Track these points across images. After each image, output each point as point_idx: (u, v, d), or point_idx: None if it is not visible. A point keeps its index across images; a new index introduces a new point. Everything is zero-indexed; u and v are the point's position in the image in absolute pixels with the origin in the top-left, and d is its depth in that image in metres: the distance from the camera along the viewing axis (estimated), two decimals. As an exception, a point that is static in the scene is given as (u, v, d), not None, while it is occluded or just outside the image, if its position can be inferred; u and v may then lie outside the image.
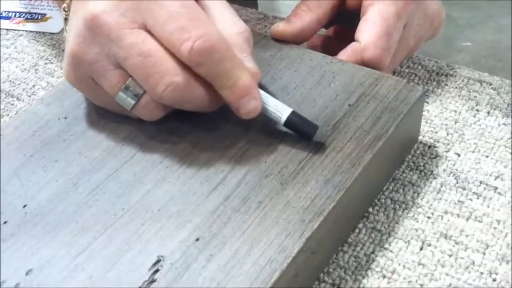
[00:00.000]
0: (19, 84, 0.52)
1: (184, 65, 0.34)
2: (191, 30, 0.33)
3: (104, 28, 0.34)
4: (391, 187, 0.40)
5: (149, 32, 0.35)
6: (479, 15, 1.92)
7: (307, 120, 0.37)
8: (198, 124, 0.38)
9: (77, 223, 0.33)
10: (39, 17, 0.60)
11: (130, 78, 0.35)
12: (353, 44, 0.42)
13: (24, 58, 0.55)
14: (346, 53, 0.42)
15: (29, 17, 0.61)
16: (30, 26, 0.59)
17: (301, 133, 0.37)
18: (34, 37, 0.58)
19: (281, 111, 0.36)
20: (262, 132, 0.38)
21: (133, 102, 0.36)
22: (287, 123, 0.36)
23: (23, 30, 0.59)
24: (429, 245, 0.37)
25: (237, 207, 0.33)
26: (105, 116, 0.39)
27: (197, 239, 0.32)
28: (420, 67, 0.50)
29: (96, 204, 0.34)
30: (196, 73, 0.34)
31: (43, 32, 0.58)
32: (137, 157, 0.37)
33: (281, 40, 0.44)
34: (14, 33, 0.59)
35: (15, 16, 0.61)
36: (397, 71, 0.49)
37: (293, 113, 0.36)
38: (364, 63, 0.42)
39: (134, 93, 0.36)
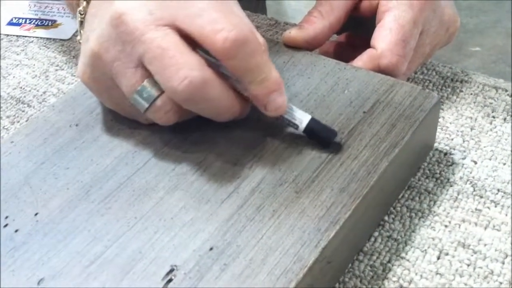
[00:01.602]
0: (30, 91, 0.51)
1: (204, 62, 0.34)
2: (224, 22, 0.33)
3: (130, 26, 0.34)
4: (407, 195, 0.39)
5: (176, 29, 0.34)
6: (487, 20, 1.92)
7: (325, 126, 0.36)
8: (211, 131, 0.38)
9: (89, 232, 0.33)
10: (50, 24, 0.60)
11: (147, 79, 0.35)
12: (369, 50, 0.42)
13: (34, 64, 0.55)
14: (362, 60, 0.42)
15: (39, 23, 0.61)
16: (41, 32, 0.59)
17: (321, 139, 0.36)
18: (45, 43, 0.58)
19: (300, 117, 0.36)
20: (276, 140, 0.37)
21: (148, 103, 0.35)
22: (307, 129, 0.36)
23: (33, 37, 0.59)
24: (447, 254, 0.36)
25: (252, 215, 0.33)
26: (117, 123, 0.39)
27: (211, 248, 0.31)
28: (434, 73, 0.49)
29: (108, 212, 0.34)
30: (215, 73, 0.34)
31: (53, 39, 0.58)
32: (150, 165, 0.36)
33: (293, 46, 0.44)
34: (25, 40, 0.58)
35: (25, 22, 0.61)
36: (411, 77, 0.49)
37: (312, 119, 0.36)
38: (381, 70, 0.41)
39: (150, 94, 0.35)
